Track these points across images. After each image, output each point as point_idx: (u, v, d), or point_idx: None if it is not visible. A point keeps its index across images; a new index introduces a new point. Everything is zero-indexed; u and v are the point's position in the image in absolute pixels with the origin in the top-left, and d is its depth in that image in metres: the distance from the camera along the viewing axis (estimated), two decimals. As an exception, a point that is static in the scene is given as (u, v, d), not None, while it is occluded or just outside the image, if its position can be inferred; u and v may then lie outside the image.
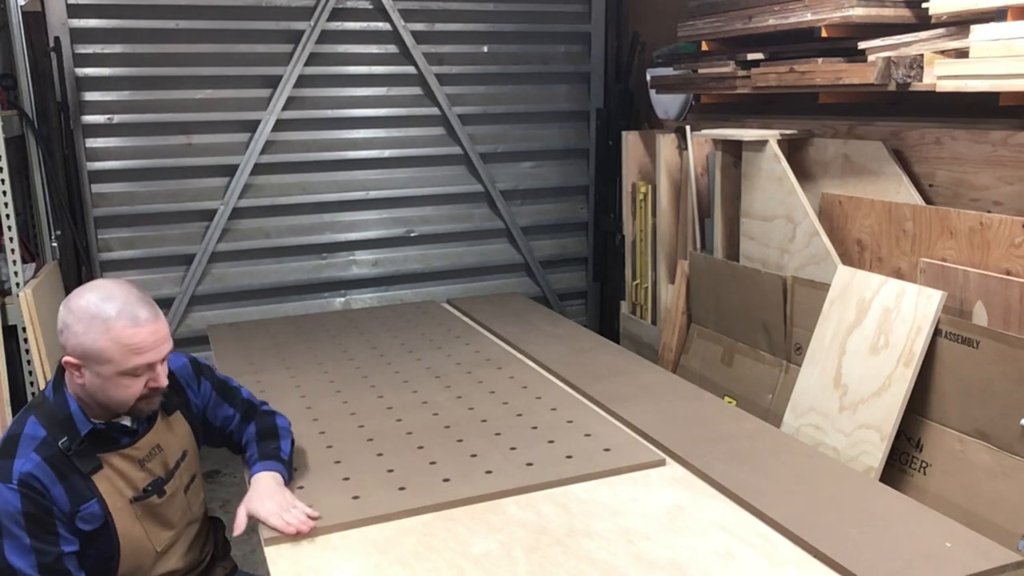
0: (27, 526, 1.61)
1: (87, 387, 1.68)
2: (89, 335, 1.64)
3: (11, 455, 1.64)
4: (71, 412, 1.71)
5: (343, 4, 4.23)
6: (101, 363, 1.65)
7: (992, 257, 2.40)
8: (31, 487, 1.62)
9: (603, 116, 4.70)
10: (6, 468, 1.63)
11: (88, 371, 1.66)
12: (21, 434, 1.68)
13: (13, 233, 3.14)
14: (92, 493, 1.70)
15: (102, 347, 1.64)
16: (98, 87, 3.95)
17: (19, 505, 1.60)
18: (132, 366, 1.66)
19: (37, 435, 1.68)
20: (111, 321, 1.64)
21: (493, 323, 3.31)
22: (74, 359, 1.66)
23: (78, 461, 1.69)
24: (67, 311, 1.68)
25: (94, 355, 1.65)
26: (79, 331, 1.65)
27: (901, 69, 2.46)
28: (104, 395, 1.68)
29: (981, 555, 1.61)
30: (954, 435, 2.36)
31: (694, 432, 2.21)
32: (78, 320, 1.65)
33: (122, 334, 1.65)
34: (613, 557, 1.65)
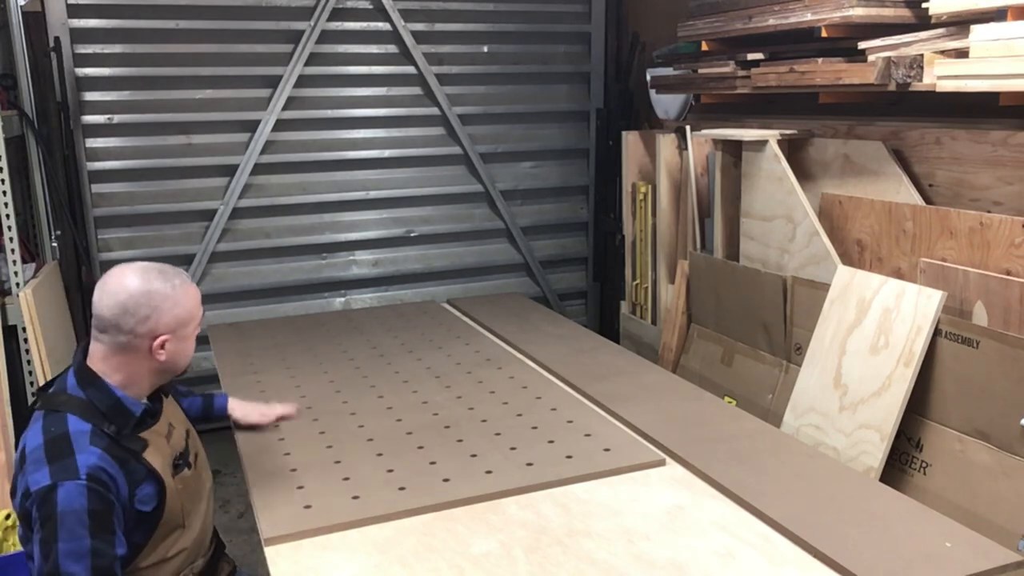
0: (91, 526, 1.59)
1: (168, 359, 1.76)
2: (176, 305, 1.76)
3: (70, 452, 1.63)
4: (118, 398, 1.73)
5: (343, 4, 4.23)
6: (187, 324, 1.79)
7: (992, 257, 2.40)
8: (99, 480, 1.62)
9: (603, 116, 4.70)
10: (70, 465, 1.61)
11: (175, 341, 1.76)
12: (68, 432, 1.67)
13: (13, 233, 3.14)
14: (147, 472, 1.72)
15: (187, 307, 1.78)
16: (98, 87, 3.95)
17: (86, 503, 1.59)
18: (202, 314, 1.85)
19: (84, 429, 1.67)
20: (175, 286, 1.78)
21: (493, 323, 3.31)
22: (167, 335, 1.74)
23: (129, 443, 1.72)
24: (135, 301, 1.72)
25: (186, 319, 1.78)
26: (166, 307, 1.74)
27: (901, 69, 2.46)
28: (184, 357, 1.81)
29: (981, 555, 1.61)
30: (954, 435, 2.36)
31: (694, 432, 2.21)
32: (156, 298, 1.73)
33: (187, 292, 1.80)
34: (613, 557, 1.65)
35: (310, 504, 1.85)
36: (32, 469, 1.63)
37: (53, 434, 1.67)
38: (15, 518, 2.91)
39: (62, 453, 1.63)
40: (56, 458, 1.62)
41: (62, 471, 1.60)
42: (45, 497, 1.59)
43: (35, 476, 1.61)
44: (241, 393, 2.59)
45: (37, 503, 1.60)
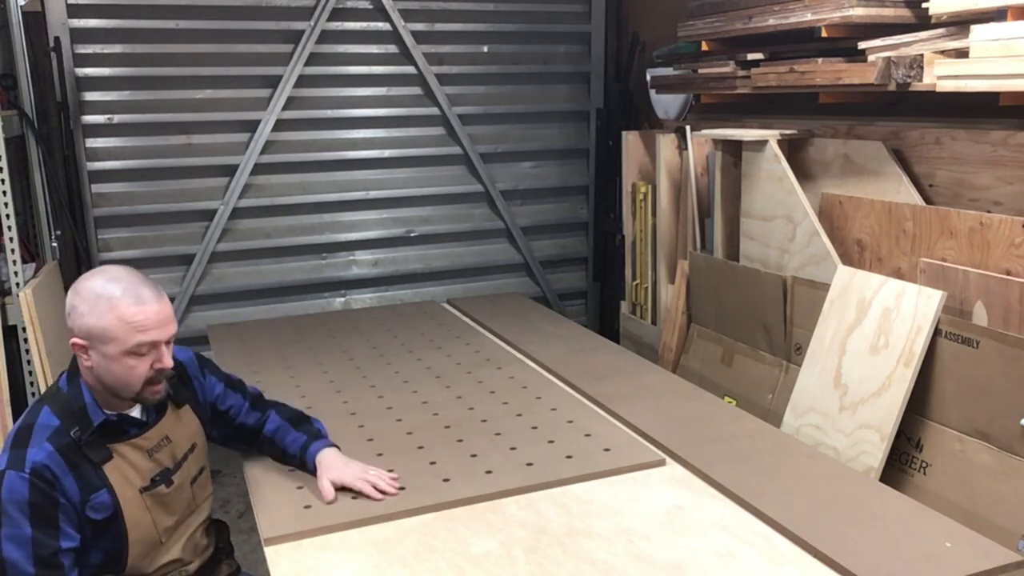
0: (31, 516, 1.63)
1: (95, 370, 1.71)
2: (94, 314, 1.68)
3: (25, 444, 1.68)
4: (85, 403, 1.74)
5: (343, 4, 4.23)
6: (106, 342, 1.68)
7: (992, 257, 2.40)
8: (42, 477, 1.65)
9: (603, 116, 4.70)
10: (19, 457, 1.66)
11: (95, 352, 1.70)
12: (35, 423, 1.71)
13: (13, 233, 3.14)
14: (102, 483, 1.72)
15: (106, 325, 1.68)
16: (98, 87, 3.95)
17: (27, 494, 1.63)
18: (136, 343, 1.69)
19: (50, 424, 1.71)
20: (115, 300, 1.69)
21: (493, 323, 3.31)
22: (81, 340, 1.70)
23: (89, 451, 1.72)
24: (74, 293, 1.72)
25: (99, 334, 1.68)
26: (84, 311, 1.69)
27: (901, 69, 2.46)
28: (111, 377, 1.71)
29: (981, 555, 1.61)
30: (954, 435, 2.36)
31: (694, 432, 2.21)
32: (83, 300, 1.70)
33: (126, 312, 1.69)
34: (613, 557, 1.65)
35: (310, 504, 1.85)
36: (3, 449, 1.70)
37: (25, 422, 1.73)
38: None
39: (20, 443, 1.69)
40: (15, 446, 1.68)
41: (13, 460, 1.66)
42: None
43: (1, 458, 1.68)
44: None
45: None
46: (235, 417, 2.07)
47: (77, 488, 1.69)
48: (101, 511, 1.72)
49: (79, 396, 1.74)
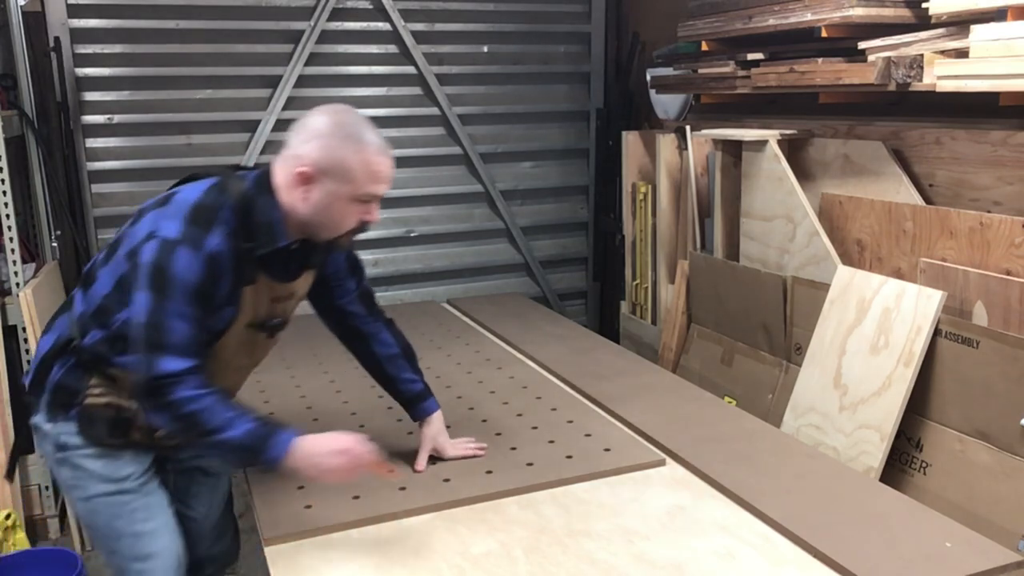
0: (195, 294, 1.61)
1: (311, 202, 1.66)
2: (342, 150, 1.63)
3: (206, 227, 1.63)
4: (273, 220, 1.68)
5: (343, 4, 4.23)
6: (342, 181, 1.64)
7: (992, 257, 2.40)
8: (214, 264, 1.63)
9: (603, 116, 4.70)
10: (199, 237, 1.62)
11: (321, 187, 1.65)
12: (218, 210, 1.65)
13: (13, 233, 3.13)
14: (236, 301, 1.71)
15: (351, 166, 1.64)
16: (98, 87, 3.95)
17: (197, 276, 1.61)
18: (366, 192, 1.67)
19: (229, 221, 1.66)
20: (365, 142, 1.65)
21: (493, 323, 3.31)
22: (312, 170, 1.64)
23: (246, 266, 1.69)
24: (322, 122, 1.65)
25: (339, 171, 1.64)
26: (333, 144, 1.63)
27: (901, 69, 2.46)
28: (326, 215, 1.67)
29: (981, 555, 1.62)
30: (954, 435, 2.36)
31: (694, 432, 2.21)
32: (333, 134, 1.63)
33: (372, 159, 1.65)
34: (613, 557, 1.65)
35: (310, 504, 1.85)
36: (171, 214, 1.64)
37: (205, 203, 1.66)
38: (15, 518, 2.91)
39: (200, 223, 1.63)
40: (194, 224, 1.63)
41: (190, 240, 1.61)
42: (165, 248, 1.60)
43: (168, 223, 1.63)
44: (242, 393, 2.59)
45: (156, 249, 1.60)
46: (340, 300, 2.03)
47: (224, 293, 1.68)
48: (221, 323, 1.71)
49: (269, 211, 1.68)
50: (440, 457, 2.05)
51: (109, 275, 1.73)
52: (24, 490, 3.19)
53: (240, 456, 1.67)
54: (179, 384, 1.60)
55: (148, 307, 1.60)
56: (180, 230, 1.62)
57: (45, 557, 2.67)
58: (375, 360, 2.07)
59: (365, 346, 2.07)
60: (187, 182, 1.78)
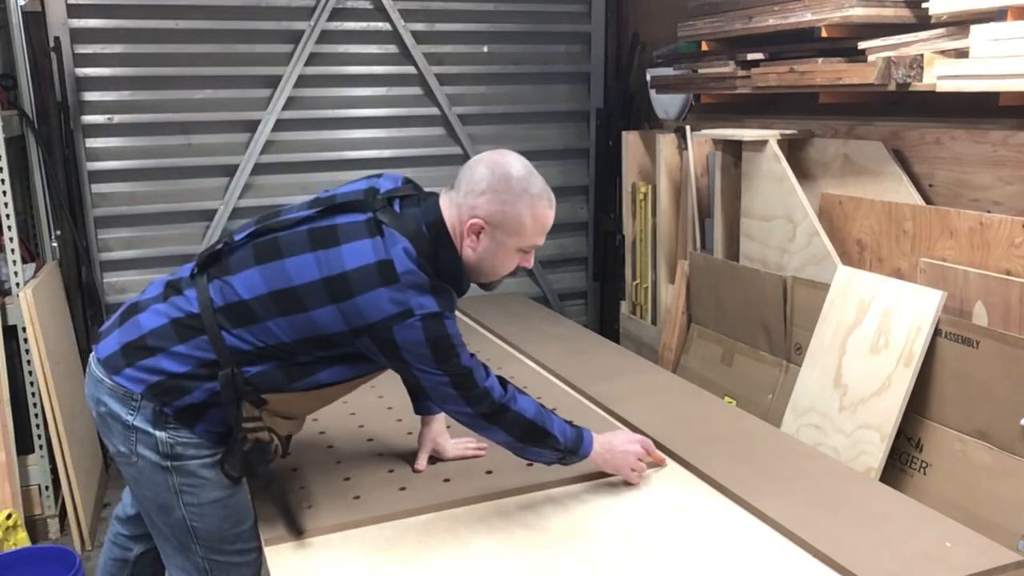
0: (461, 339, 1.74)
1: (477, 251, 1.75)
2: (517, 206, 1.72)
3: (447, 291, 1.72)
4: (460, 272, 1.78)
5: (343, 4, 4.23)
6: (511, 234, 1.74)
7: (992, 257, 2.40)
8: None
9: (603, 116, 4.70)
10: (449, 303, 1.72)
11: (490, 238, 1.73)
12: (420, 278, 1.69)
13: (13, 233, 3.13)
14: None
15: (523, 220, 1.73)
16: (98, 87, 3.95)
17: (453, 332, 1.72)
18: (531, 244, 1.78)
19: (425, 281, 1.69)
20: (535, 196, 1.74)
21: (493, 323, 3.31)
22: (484, 222, 1.72)
23: None
24: (497, 174, 1.73)
25: (510, 224, 1.73)
26: (508, 200, 1.71)
27: (901, 69, 2.46)
28: (491, 262, 1.77)
29: (981, 555, 1.62)
30: (954, 435, 2.36)
31: (694, 432, 2.21)
32: (508, 189, 1.72)
33: (541, 212, 1.76)
34: (613, 557, 1.65)
35: (311, 504, 1.85)
36: (411, 287, 1.67)
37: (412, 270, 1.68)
38: (15, 518, 2.91)
39: (439, 288, 1.71)
40: (437, 292, 1.70)
41: (446, 301, 1.70)
42: (434, 323, 1.67)
43: (419, 297, 1.67)
44: (241, 393, 2.59)
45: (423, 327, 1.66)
46: None
47: None
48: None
49: (456, 263, 1.76)
50: (440, 458, 2.05)
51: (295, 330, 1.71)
52: (24, 490, 3.19)
53: (561, 454, 1.84)
54: (511, 398, 1.77)
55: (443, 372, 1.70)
56: (436, 302, 1.68)
57: (44, 555, 2.67)
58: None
59: None
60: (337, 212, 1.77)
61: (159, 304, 1.80)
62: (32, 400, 3.21)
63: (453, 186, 1.77)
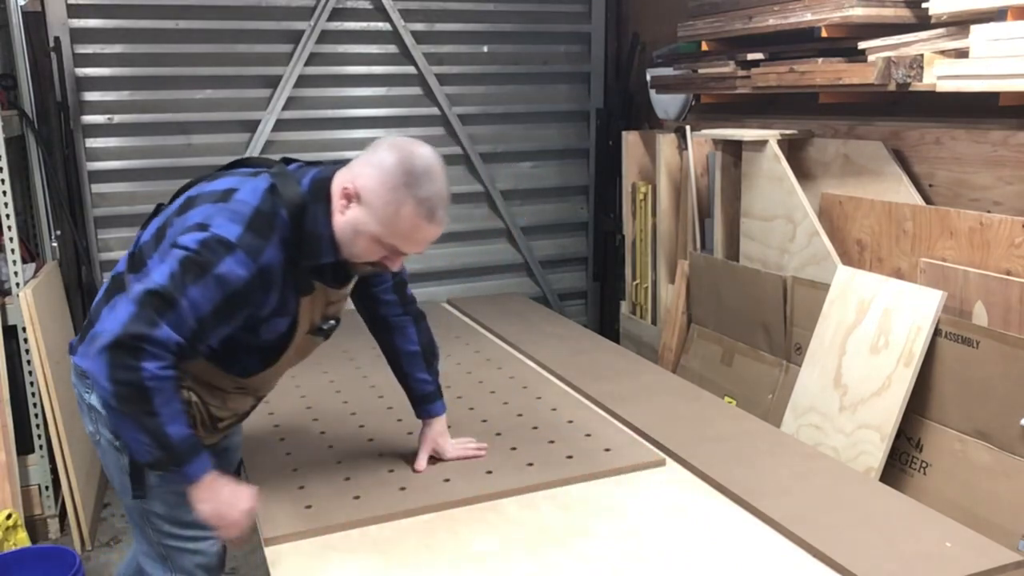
0: (225, 300, 1.57)
1: (344, 219, 1.63)
2: (393, 198, 1.59)
3: (265, 238, 1.60)
4: (321, 236, 1.65)
5: (343, 4, 4.23)
6: (377, 220, 1.61)
7: (992, 257, 2.40)
8: (263, 277, 1.60)
9: (603, 116, 4.70)
10: (257, 248, 1.58)
11: (358, 211, 1.62)
12: (275, 217, 1.62)
13: (13, 233, 3.13)
14: (293, 312, 1.71)
15: (393, 217, 1.60)
16: (98, 87, 3.95)
17: (239, 286, 1.57)
18: (393, 244, 1.64)
19: (283, 230, 1.62)
20: (419, 203, 1.59)
21: (493, 323, 3.31)
22: (358, 193, 1.61)
23: (300, 279, 1.68)
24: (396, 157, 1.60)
25: (379, 211, 1.60)
26: (390, 186, 1.59)
27: (901, 69, 2.46)
28: (348, 237, 1.65)
29: (981, 555, 1.62)
30: (954, 435, 2.36)
31: (694, 432, 2.21)
32: (397, 174, 1.59)
33: (416, 219, 1.61)
34: (613, 557, 1.65)
35: (310, 504, 1.85)
36: (228, 214, 1.59)
37: (267, 209, 1.61)
38: (15, 518, 2.91)
39: (260, 232, 1.59)
40: (252, 230, 1.58)
41: (247, 247, 1.57)
42: (216, 246, 1.55)
43: (225, 223, 1.58)
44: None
45: (205, 242, 1.55)
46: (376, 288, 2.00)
47: (274, 305, 1.66)
48: (272, 333, 1.72)
49: (319, 223, 1.65)
50: (440, 458, 2.06)
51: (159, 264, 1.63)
52: (24, 490, 3.19)
53: (161, 453, 1.58)
54: (156, 357, 1.52)
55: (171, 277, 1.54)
56: (239, 235, 1.57)
57: (44, 555, 2.67)
58: (395, 353, 2.08)
59: (389, 337, 2.07)
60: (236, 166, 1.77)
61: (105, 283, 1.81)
62: (32, 400, 3.21)
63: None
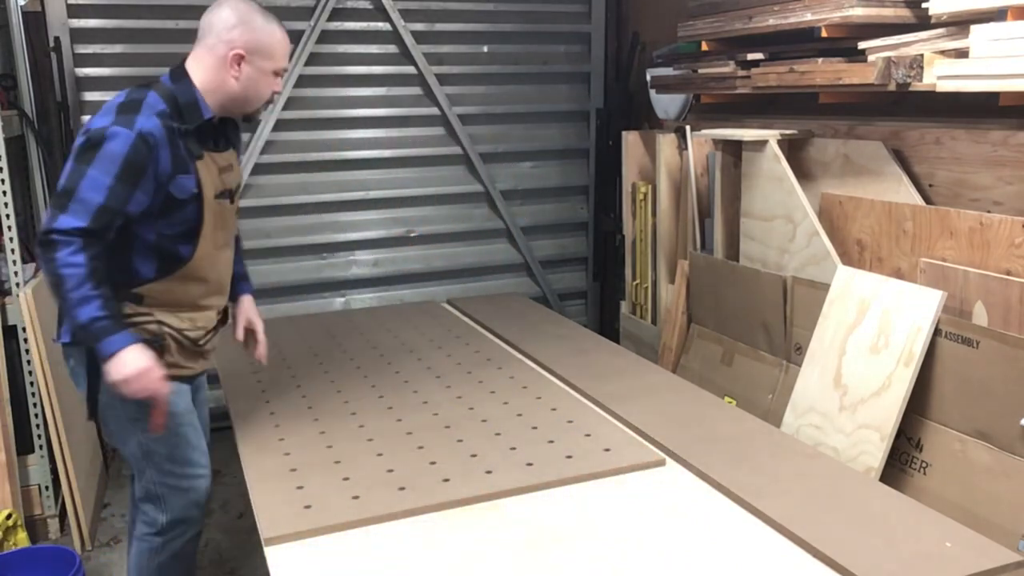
0: (120, 171, 1.86)
1: (241, 80, 2.00)
2: (265, 31, 2.00)
3: (135, 112, 1.91)
4: (196, 98, 2.00)
5: (343, 4, 4.23)
6: (266, 58, 2.01)
7: (992, 257, 2.40)
8: (146, 141, 1.89)
9: (603, 116, 4.71)
10: (129, 120, 1.89)
11: (250, 65, 2.00)
12: (144, 100, 1.94)
13: (13, 233, 3.13)
14: (193, 171, 1.99)
15: (272, 44, 2.02)
16: (98, 87, 3.95)
17: (125, 151, 1.86)
18: (282, 67, 2.07)
19: (158, 106, 1.94)
20: (275, 27, 2.03)
21: (493, 323, 3.31)
22: (244, 51, 1.98)
23: (187, 142, 1.98)
24: (240, 11, 1.98)
25: (265, 49, 2.00)
26: (257, 26, 1.99)
27: (901, 69, 2.46)
28: (253, 88, 2.03)
29: (981, 555, 1.62)
30: (954, 435, 2.36)
31: (694, 432, 2.21)
32: (254, 19, 1.99)
33: (282, 38, 2.05)
34: (613, 557, 1.65)
35: (310, 504, 1.85)
36: (99, 115, 1.92)
37: (132, 98, 1.95)
38: (15, 518, 2.91)
39: (129, 111, 1.92)
40: (122, 113, 1.91)
41: (122, 121, 1.89)
42: (97, 134, 1.87)
43: (98, 119, 1.91)
44: (243, 392, 2.59)
45: (88, 137, 1.88)
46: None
47: (171, 163, 1.94)
48: (185, 192, 1.98)
49: (189, 92, 1.99)
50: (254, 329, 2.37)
51: None
52: (24, 490, 3.19)
53: (82, 334, 1.89)
54: (65, 245, 1.82)
55: (68, 173, 1.86)
56: (110, 119, 1.89)
57: (44, 555, 2.67)
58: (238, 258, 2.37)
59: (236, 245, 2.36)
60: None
61: None
62: (32, 400, 3.21)
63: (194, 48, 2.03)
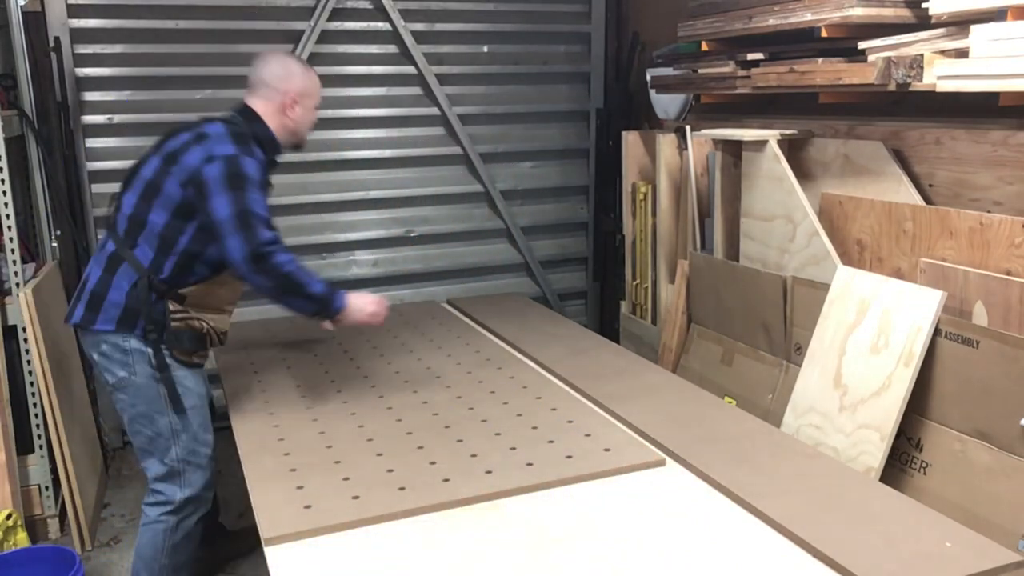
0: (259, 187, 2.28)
1: (295, 120, 2.49)
2: (307, 78, 2.52)
3: (248, 143, 2.34)
4: (273, 136, 2.46)
5: (343, 4, 4.23)
6: (312, 98, 2.53)
7: (992, 257, 2.40)
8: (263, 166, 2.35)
9: (603, 116, 4.70)
10: (248, 149, 2.32)
11: (301, 106, 2.48)
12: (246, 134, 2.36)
13: (13, 233, 3.13)
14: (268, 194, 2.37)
15: (313, 86, 2.54)
16: (98, 87, 3.95)
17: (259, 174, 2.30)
18: (320, 102, 2.58)
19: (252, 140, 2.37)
20: (312, 71, 2.58)
21: (493, 323, 3.31)
22: (296, 97, 2.47)
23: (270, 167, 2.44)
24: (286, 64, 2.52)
25: (309, 92, 2.51)
26: (299, 75, 2.50)
27: (901, 69, 2.46)
28: (306, 123, 2.54)
29: (981, 555, 1.62)
30: (954, 435, 2.36)
31: (694, 432, 2.21)
32: (296, 71, 2.51)
33: (317, 79, 2.57)
34: (613, 557, 1.66)
35: (310, 504, 1.85)
36: (217, 142, 2.29)
37: (237, 129, 2.35)
38: (16, 518, 2.91)
39: (243, 141, 2.32)
40: (240, 142, 2.31)
41: (245, 150, 2.30)
42: (232, 160, 2.25)
43: (222, 147, 2.28)
44: (243, 392, 2.59)
45: (224, 163, 2.24)
46: None
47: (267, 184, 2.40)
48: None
49: (266, 131, 2.44)
50: None
51: (163, 210, 2.30)
52: (24, 490, 3.19)
53: (318, 306, 2.37)
54: (277, 250, 2.24)
55: (231, 202, 2.21)
56: (235, 147, 2.28)
57: (43, 555, 2.67)
58: None
59: None
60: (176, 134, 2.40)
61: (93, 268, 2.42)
62: (32, 400, 3.21)
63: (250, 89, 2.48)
